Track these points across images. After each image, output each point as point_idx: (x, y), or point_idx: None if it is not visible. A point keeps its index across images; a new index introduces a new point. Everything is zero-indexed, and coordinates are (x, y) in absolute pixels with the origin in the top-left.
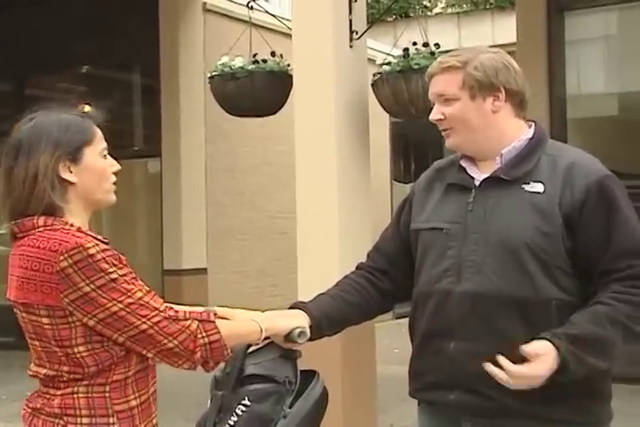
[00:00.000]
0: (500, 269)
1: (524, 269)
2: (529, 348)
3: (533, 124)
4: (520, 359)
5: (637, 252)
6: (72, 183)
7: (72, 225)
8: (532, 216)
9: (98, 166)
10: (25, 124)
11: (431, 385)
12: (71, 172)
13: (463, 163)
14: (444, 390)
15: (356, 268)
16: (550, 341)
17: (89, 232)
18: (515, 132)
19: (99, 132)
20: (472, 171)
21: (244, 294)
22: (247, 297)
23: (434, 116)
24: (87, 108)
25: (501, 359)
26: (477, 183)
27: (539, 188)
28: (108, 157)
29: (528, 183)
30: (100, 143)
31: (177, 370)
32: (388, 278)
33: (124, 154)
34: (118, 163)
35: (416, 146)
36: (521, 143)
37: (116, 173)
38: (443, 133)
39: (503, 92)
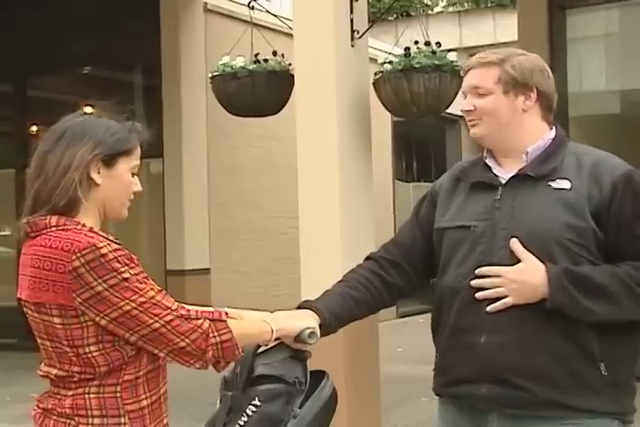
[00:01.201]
0: None
1: (553, 263)
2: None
3: (555, 126)
4: None
5: None
6: (96, 184)
7: (84, 225)
8: (560, 211)
9: (124, 178)
10: (75, 117)
11: (461, 380)
12: (99, 173)
13: (489, 162)
14: (474, 384)
15: (367, 257)
16: (546, 265)
17: (101, 233)
18: (538, 133)
19: (138, 149)
20: (497, 170)
21: (248, 294)
22: (250, 297)
23: (465, 106)
24: (136, 124)
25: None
26: (503, 181)
27: (565, 184)
28: (136, 176)
29: (554, 180)
30: (135, 159)
31: (183, 371)
32: (399, 272)
33: None
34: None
35: (418, 145)
36: (545, 142)
37: (135, 194)
38: (468, 123)
39: (535, 92)
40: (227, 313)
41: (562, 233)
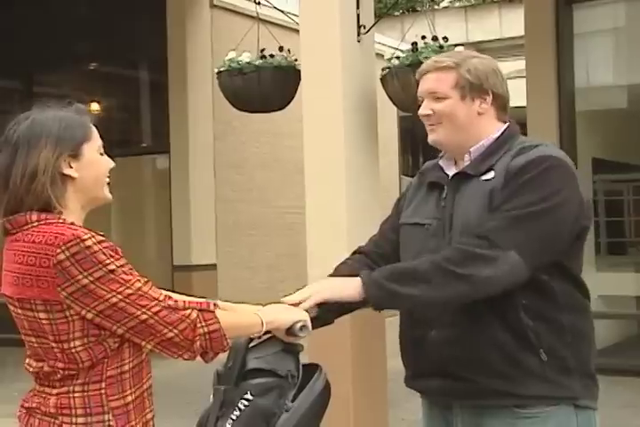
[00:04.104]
0: None
1: None
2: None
3: (508, 122)
4: None
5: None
6: (73, 178)
7: (65, 220)
8: (481, 203)
9: (97, 162)
10: (21, 121)
11: (417, 374)
12: (71, 167)
13: (441, 162)
14: (427, 379)
15: (356, 251)
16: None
17: (82, 227)
18: (492, 133)
19: (95, 129)
20: (448, 169)
21: (254, 289)
22: (256, 292)
23: (423, 111)
24: (80, 106)
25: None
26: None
27: (490, 175)
28: (104, 154)
29: (485, 173)
30: (97, 139)
31: (188, 367)
32: (388, 264)
33: (133, 151)
34: (126, 159)
35: (424, 140)
36: (489, 141)
37: (110, 171)
38: (427, 129)
39: (490, 95)
40: (215, 304)
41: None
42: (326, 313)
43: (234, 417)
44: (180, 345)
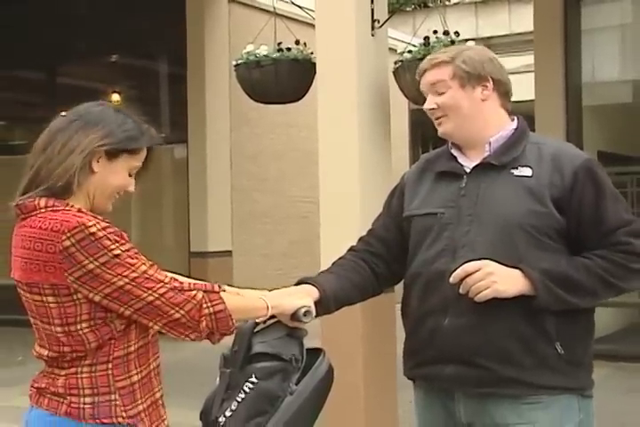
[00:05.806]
0: (493, 246)
1: (514, 247)
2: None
3: (516, 117)
4: None
5: (622, 227)
6: (93, 172)
7: (73, 206)
8: (522, 197)
9: (119, 174)
10: (95, 105)
11: (427, 361)
12: (98, 162)
13: (454, 152)
14: (439, 365)
15: (350, 250)
16: (520, 268)
17: (89, 213)
18: (500, 122)
19: (144, 152)
20: (462, 159)
21: (268, 275)
22: (271, 279)
23: (427, 105)
24: (152, 130)
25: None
26: (468, 170)
27: (527, 172)
28: (133, 178)
29: (517, 168)
30: (137, 160)
31: (200, 348)
32: (382, 262)
33: None
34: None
35: (435, 133)
36: (507, 132)
37: (125, 193)
38: (435, 122)
39: (491, 81)
40: (220, 286)
41: (524, 218)
42: (333, 297)
43: (239, 399)
44: (186, 326)
